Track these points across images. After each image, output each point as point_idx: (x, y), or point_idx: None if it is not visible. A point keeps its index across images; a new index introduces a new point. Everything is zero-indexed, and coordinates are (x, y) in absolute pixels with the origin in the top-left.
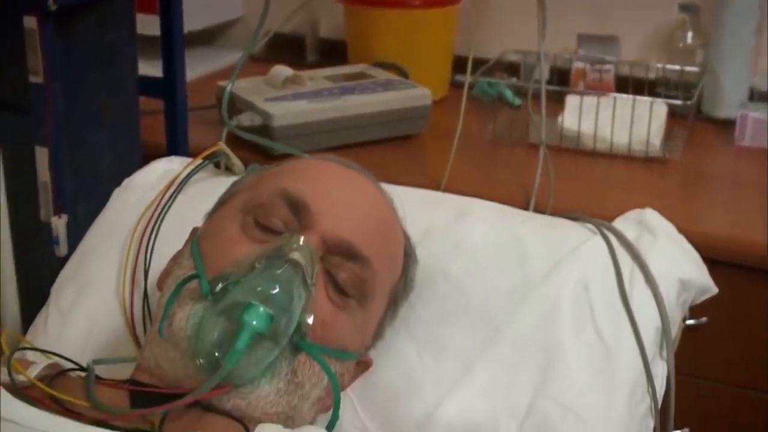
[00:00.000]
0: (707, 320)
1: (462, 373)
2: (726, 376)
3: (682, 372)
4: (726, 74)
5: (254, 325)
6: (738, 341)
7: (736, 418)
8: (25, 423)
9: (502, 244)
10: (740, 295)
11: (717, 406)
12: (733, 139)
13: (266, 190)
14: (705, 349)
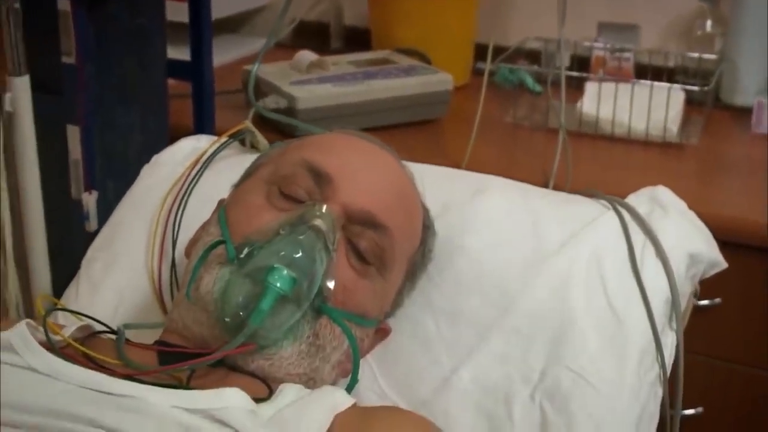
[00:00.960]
0: (720, 301)
1: (477, 341)
2: (739, 356)
3: (695, 352)
4: (744, 62)
5: (278, 287)
6: (751, 322)
7: (749, 397)
8: (61, 377)
9: (518, 218)
10: (753, 277)
11: (730, 385)
12: (749, 126)
13: (290, 162)
14: (718, 329)
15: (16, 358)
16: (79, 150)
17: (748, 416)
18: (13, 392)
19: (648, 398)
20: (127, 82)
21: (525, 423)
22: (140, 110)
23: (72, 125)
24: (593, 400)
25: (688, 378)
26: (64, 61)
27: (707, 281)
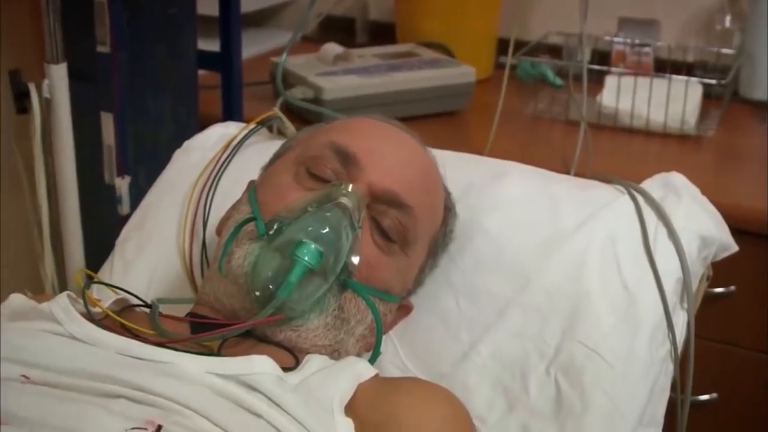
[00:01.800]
0: (735, 289)
1: (496, 318)
2: (753, 342)
3: (709, 338)
4: (762, 57)
5: (306, 260)
6: (765, 309)
7: (763, 383)
8: (100, 344)
9: (536, 201)
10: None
11: (744, 372)
12: (766, 119)
13: (318, 144)
14: (732, 316)
15: (57, 327)
16: (113, 136)
17: (762, 402)
18: (54, 357)
19: (659, 373)
20: (158, 71)
21: (540, 396)
22: (171, 98)
23: (106, 112)
24: (606, 374)
25: (703, 364)
26: (99, 50)
27: (721, 269)
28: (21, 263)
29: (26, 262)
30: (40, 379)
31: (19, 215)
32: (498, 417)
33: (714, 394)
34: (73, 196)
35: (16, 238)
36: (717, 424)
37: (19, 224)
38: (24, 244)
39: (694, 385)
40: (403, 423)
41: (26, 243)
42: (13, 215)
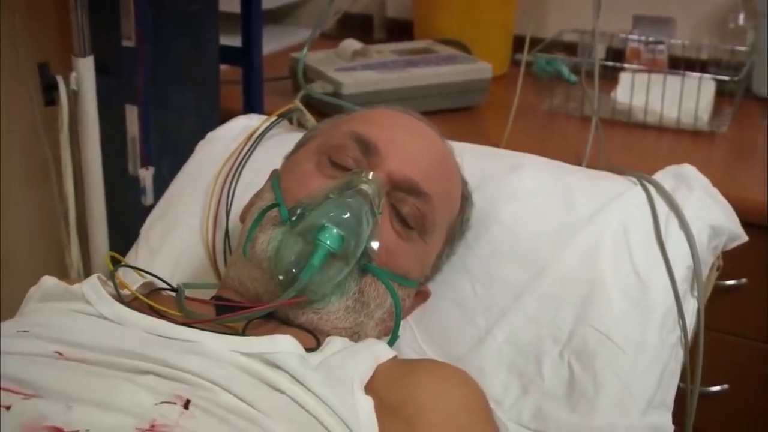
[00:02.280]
0: (746, 281)
1: (511, 304)
2: (764, 334)
3: (721, 330)
4: None
5: (328, 244)
6: None
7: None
8: (130, 324)
9: (551, 191)
10: None
11: (755, 363)
12: None
13: (339, 133)
14: (743, 308)
15: (88, 307)
16: (137, 128)
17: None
18: (86, 335)
19: (669, 359)
20: (181, 65)
21: (554, 379)
22: (193, 92)
23: (130, 105)
24: (618, 358)
25: (713, 356)
26: (124, 45)
27: (733, 262)
28: (47, 251)
29: (52, 249)
30: (73, 355)
31: (48, 204)
32: (513, 399)
33: (725, 385)
34: (99, 186)
35: (43, 226)
36: (728, 415)
37: (46, 213)
38: (50, 232)
39: (705, 376)
40: (420, 402)
41: (53, 231)
42: (41, 204)
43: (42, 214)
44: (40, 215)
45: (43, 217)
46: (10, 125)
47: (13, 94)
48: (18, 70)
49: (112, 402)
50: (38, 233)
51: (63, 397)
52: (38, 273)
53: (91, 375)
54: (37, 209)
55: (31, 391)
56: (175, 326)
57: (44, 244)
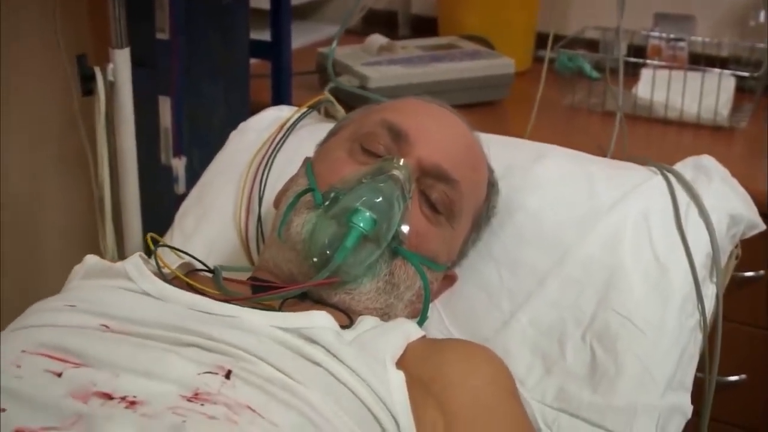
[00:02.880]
0: (764, 273)
1: (535, 288)
2: None
3: (739, 321)
4: None
5: (361, 227)
6: None
7: None
8: (171, 300)
9: (575, 180)
10: None
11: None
12: None
13: (371, 122)
14: (762, 300)
15: (131, 284)
16: (169, 119)
17: None
18: (130, 310)
19: (688, 341)
20: (213, 58)
21: (576, 361)
22: (224, 84)
23: (163, 96)
24: (638, 340)
25: (732, 346)
26: (158, 37)
27: (751, 254)
28: (82, 237)
29: (87, 235)
30: (118, 328)
31: (83, 191)
32: (536, 379)
33: (743, 375)
34: (133, 174)
35: (78, 212)
36: (745, 405)
37: (82, 200)
38: (85, 219)
39: (723, 366)
40: (449, 379)
41: (87, 218)
42: (76, 191)
43: (77, 202)
44: (76, 202)
45: (78, 204)
46: (49, 115)
47: (50, 84)
48: (58, 61)
49: (157, 371)
50: (73, 220)
51: (110, 366)
52: (73, 258)
53: (137, 346)
54: (73, 196)
55: (80, 360)
56: (215, 302)
57: (79, 230)
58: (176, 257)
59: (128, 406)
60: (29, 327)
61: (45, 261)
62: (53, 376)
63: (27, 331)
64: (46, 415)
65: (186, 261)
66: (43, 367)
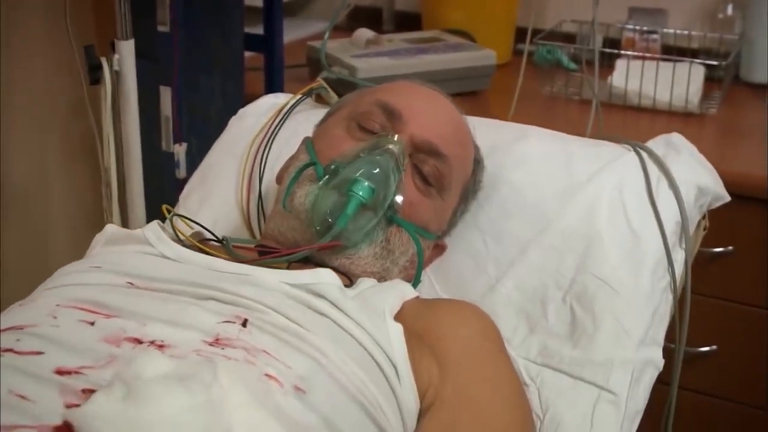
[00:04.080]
0: (732, 249)
1: (519, 255)
2: (750, 298)
3: (710, 295)
4: (761, 42)
5: (360, 195)
6: (761, 267)
7: (758, 334)
8: (188, 261)
9: (555, 157)
10: (762, 226)
11: (741, 325)
12: (764, 99)
13: (367, 102)
14: (731, 274)
15: (150, 248)
16: (170, 108)
17: (759, 353)
18: (151, 269)
19: (660, 301)
20: (210, 50)
21: (558, 321)
22: (221, 76)
23: (164, 86)
24: (614, 301)
25: (703, 318)
26: (160, 30)
27: (721, 230)
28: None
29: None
30: (142, 285)
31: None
32: (521, 338)
33: (714, 346)
34: (137, 159)
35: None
36: (717, 374)
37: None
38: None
39: (695, 337)
40: (441, 331)
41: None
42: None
43: (82, 186)
44: (81, 187)
45: (83, 188)
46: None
47: (56, 75)
48: (62, 52)
49: (181, 320)
50: (78, 203)
51: (138, 316)
52: (78, 241)
53: (161, 300)
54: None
55: (110, 312)
56: (229, 263)
57: (84, 213)
58: (187, 228)
59: (157, 349)
60: (60, 286)
61: (51, 246)
62: (87, 324)
63: (58, 290)
64: (82, 357)
65: (197, 230)
66: (77, 317)
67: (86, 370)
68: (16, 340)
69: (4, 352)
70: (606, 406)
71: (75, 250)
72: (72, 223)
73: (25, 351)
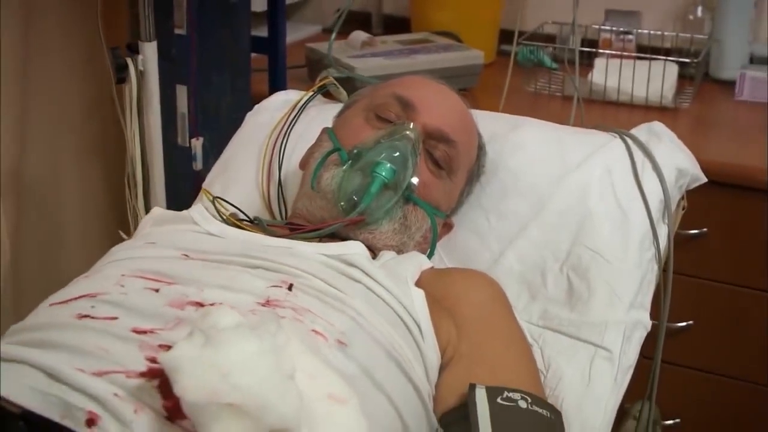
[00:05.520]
0: (707, 231)
1: (519, 231)
2: (723, 276)
3: (686, 274)
4: (729, 41)
5: (383, 175)
6: (734, 247)
7: (731, 309)
8: (232, 237)
9: (548, 143)
10: (734, 209)
11: (716, 301)
12: (733, 94)
13: (383, 95)
14: (706, 254)
15: (196, 227)
16: (186, 105)
17: (732, 328)
18: (201, 244)
19: (646, 270)
20: (221, 51)
21: (556, 288)
22: (231, 74)
23: (180, 85)
24: (606, 269)
25: (681, 296)
26: (177, 32)
27: (695, 214)
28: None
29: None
30: (196, 257)
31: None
32: (524, 305)
33: (691, 321)
34: (159, 152)
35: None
36: (694, 348)
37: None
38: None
39: (674, 314)
40: (456, 295)
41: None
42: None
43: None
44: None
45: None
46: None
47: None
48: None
49: (234, 286)
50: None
51: (196, 283)
52: (93, 235)
53: (214, 269)
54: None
55: (171, 280)
56: (269, 237)
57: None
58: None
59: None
60: (121, 260)
61: (66, 241)
62: (152, 291)
63: (121, 263)
64: (152, 321)
65: (232, 212)
66: (142, 286)
67: (158, 331)
68: (91, 306)
69: (82, 318)
70: (601, 361)
71: (87, 241)
72: (84, 214)
73: (101, 316)
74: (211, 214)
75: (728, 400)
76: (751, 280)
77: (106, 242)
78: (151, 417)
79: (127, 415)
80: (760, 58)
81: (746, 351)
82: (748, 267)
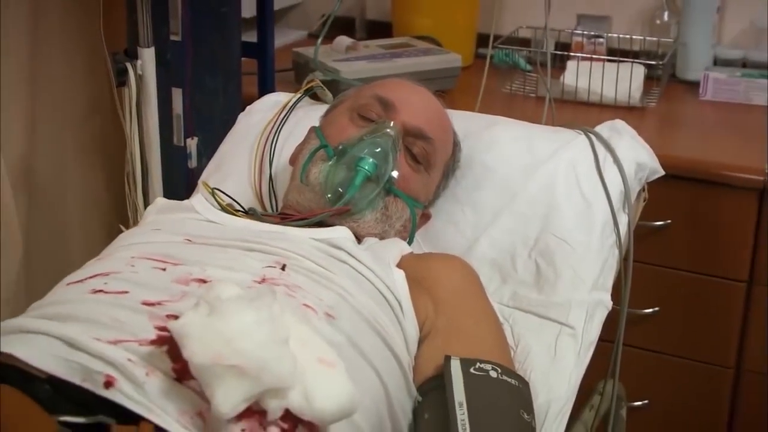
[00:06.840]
0: (670, 222)
1: (492, 220)
2: (685, 264)
3: (650, 263)
4: (694, 44)
5: (366, 169)
6: (696, 238)
7: (698, 298)
8: (229, 224)
9: (519, 140)
10: (696, 202)
11: (678, 288)
12: (698, 94)
13: (365, 96)
14: (669, 244)
15: (197, 215)
16: (181, 107)
17: (695, 313)
18: (202, 230)
19: (608, 255)
20: (214, 55)
21: (525, 272)
22: (223, 78)
23: (176, 88)
24: (571, 255)
25: (646, 284)
26: (172, 39)
27: (659, 206)
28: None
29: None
30: (198, 241)
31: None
32: (495, 287)
33: (657, 308)
34: (157, 151)
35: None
36: (658, 332)
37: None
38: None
39: (639, 300)
40: (434, 276)
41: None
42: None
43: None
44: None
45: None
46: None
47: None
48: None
49: (234, 265)
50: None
51: (199, 263)
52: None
53: (215, 251)
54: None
55: (176, 261)
56: (263, 224)
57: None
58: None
59: None
60: (130, 245)
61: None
62: (160, 270)
63: (129, 247)
64: (161, 294)
65: (228, 203)
66: (151, 266)
67: (166, 303)
68: (104, 283)
69: (96, 293)
70: (566, 338)
71: (90, 233)
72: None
73: (113, 291)
74: (210, 204)
75: (694, 382)
76: (712, 268)
77: (107, 234)
78: (161, 378)
79: (140, 377)
80: (723, 60)
81: (710, 335)
82: (709, 256)
